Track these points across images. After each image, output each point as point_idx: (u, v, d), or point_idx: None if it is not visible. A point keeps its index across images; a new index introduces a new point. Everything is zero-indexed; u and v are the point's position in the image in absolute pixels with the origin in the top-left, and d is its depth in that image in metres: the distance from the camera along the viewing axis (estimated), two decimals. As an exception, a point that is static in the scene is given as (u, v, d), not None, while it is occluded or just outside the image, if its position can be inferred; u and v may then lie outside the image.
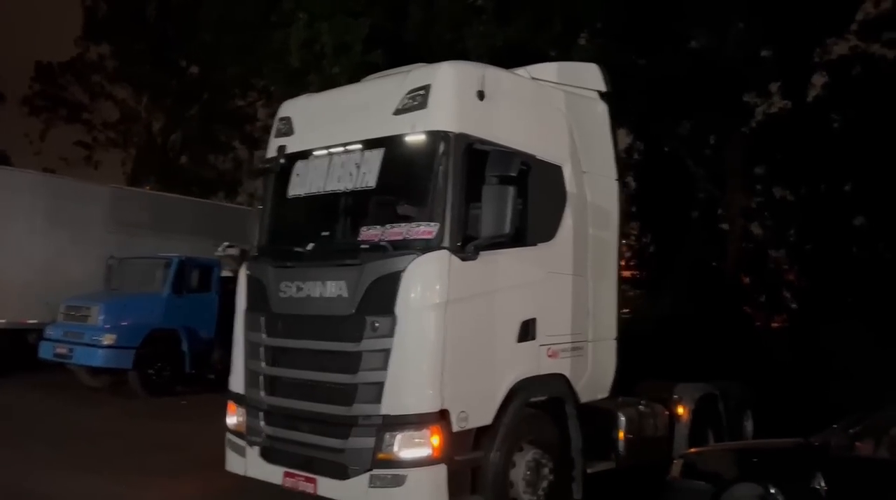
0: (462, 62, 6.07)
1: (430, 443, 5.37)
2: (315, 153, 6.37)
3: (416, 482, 5.35)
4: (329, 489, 5.71)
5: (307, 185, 6.35)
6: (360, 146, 6.05)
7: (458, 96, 5.82)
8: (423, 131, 5.73)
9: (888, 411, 5.33)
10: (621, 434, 7.10)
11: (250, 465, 6.33)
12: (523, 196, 5.87)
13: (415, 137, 5.78)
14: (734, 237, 20.36)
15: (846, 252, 21.53)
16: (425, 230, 5.59)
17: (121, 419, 10.90)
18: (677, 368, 8.52)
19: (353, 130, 6.17)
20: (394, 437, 5.40)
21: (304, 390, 6.01)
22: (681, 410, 8.08)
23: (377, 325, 5.52)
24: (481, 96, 5.87)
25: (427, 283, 5.50)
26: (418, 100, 5.78)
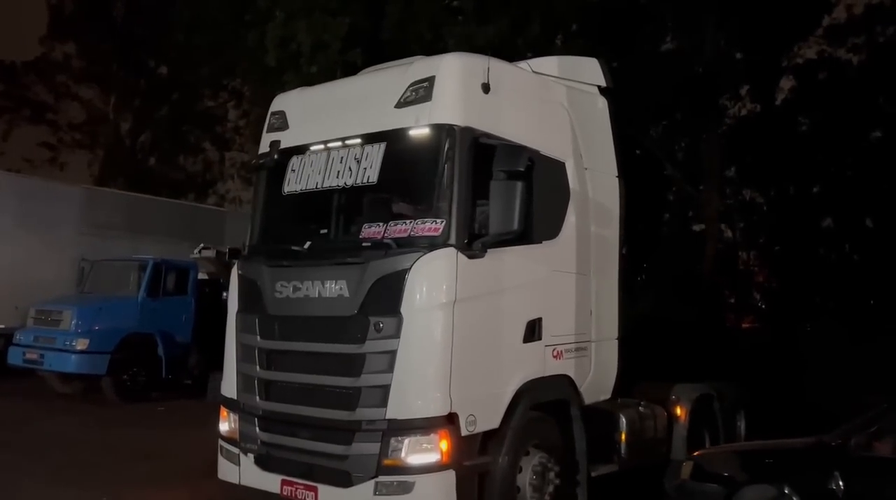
0: (466, 54, 5.89)
1: (439, 448, 5.16)
2: (312, 148, 6.12)
3: (425, 489, 5.14)
4: (331, 497, 5.47)
5: (304, 181, 6.09)
6: (359, 140, 5.82)
7: (463, 88, 5.63)
8: (428, 125, 5.52)
9: None
10: (623, 436, 6.97)
11: (245, 473, 6.05)
12: (528, 192, 5.69)
13: (419, 130, 5.56)
14: (711, 238, 20.46)
15: (815, 253, 21.79)
16: (431, 227, 5.38)
17: (97, 427, 10.50)
18: (664, 368, 8.41)
19: (352, 123, 5.94)
20: (400, 442, 5.18)
21: (303, 395, 5.76)
22: (679, 411, 7.98)
23: (381, 326, 5.30)
24: (486, 89, 5.68)
25: (434, 281, 5.29)
26: (422, 92, 5.58)
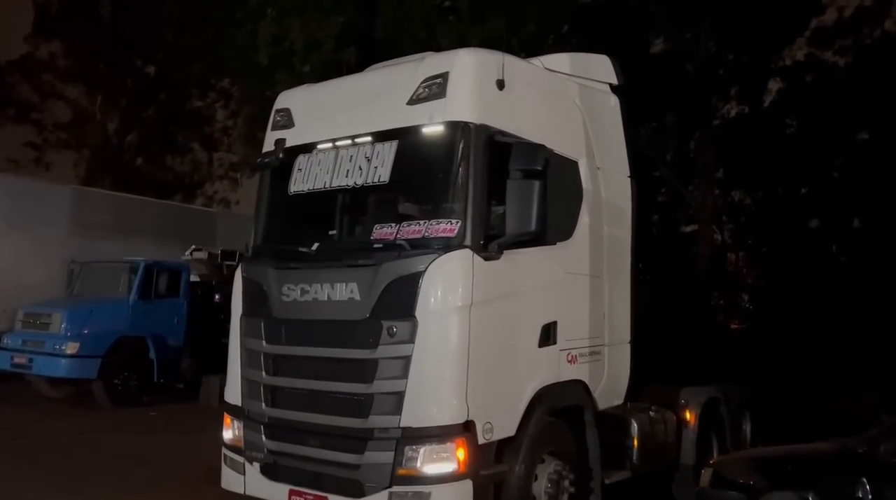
0: (480, 49, 5.70)
1: (456, 457, 4.98)
2: (319, 146, 5.92)
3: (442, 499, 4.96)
4: (342, 507, 5.29)
5: (311, 180, 5.89)
6: (370, 138, 5.63)
7: (477, 85, 5.46)
8: (442, 122, 5.34)
9: None
10: (636, 442, 6.83)
11: (250, 483, 5.85)
12: (545, 192, 5.51)
13: (432, 128, 5.38)
14: (705, 240, 20.42)
15: (803, 254, 21.84)
16: (446, 228, 5.20)
17: (90, 433, 10.25)
18: (670, 370, 8.29)
19: (362, 121, 5.74)
20: (416, 451, 5.00)
21: (312, 401, 5.56)
22: (688, 415, 7.87)
23: (395, 330, 5.12)
24: (501, 86, 5.51)
25: (450, 284, 5.11)
26: (435, 88, 5.39)
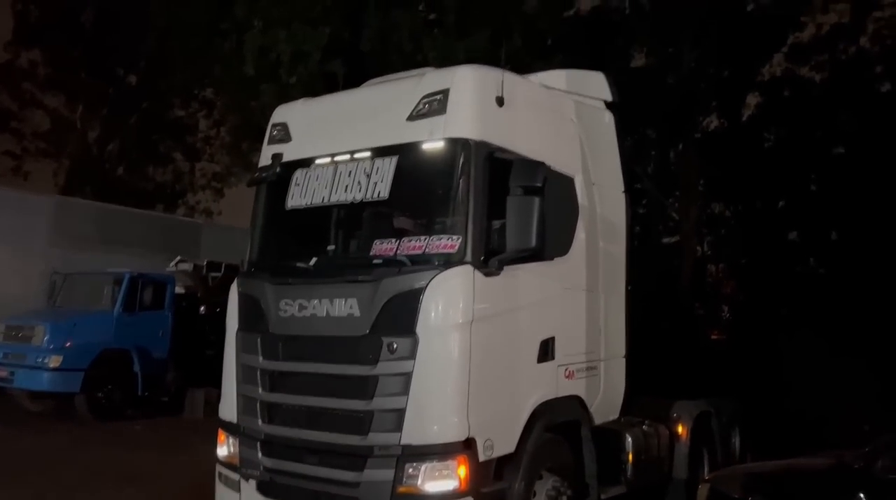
0: (480, 66, 5.73)
1: (457, 475, 4.97)
2: (318, 161, 5.90)
3: (443, 518, 4.94)
4: (341, 525, 5.24)
5: (309, 195, 5.86)
6: (369, 154, 5.62)
7: (477, 102, 5.48)
8: (443, 138, 5.36)
9: None
10: (630, 457, 6.84)
11: (246, 501, 5.78)
12: (544, 208, 5.54)
13: (432, 144, 5.39)
14: (689, 252, 20.60)
15: (781, 266, 22.12)
16: (447, 244, 5.20)
17: (75, 448, 10.08)
18: (661, 383, 8.32)
19: (361, 136, 5.74)
20: (417, 469, 4.97)
21: (310, 418, 5.51)
22: (680, 429, 7.88)
23: (395, 346, 5.10)
24: (500, 102, 5.53)
25: (451, 300, 5.11)
26: (436, 105, 5.40)
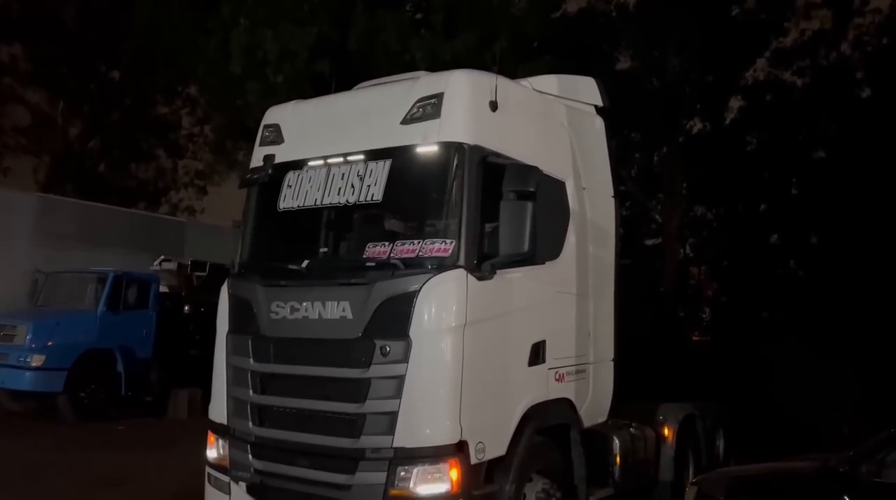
0: (474, 71, 5.75)
1: (449, 478, 4.98)
2: (310, 163, 5.89)
3: (435, 520, 4.96)
4: (332, 528, 5.25)
5: (301, 197, 5.85)
6: (363, 157, 5.62)
7: (471, 106, 5.50)
8: (437, 142, 5.38)
9: None
10: (617, 459, 6.90)
11: (236, 503, 5.77)
12: (537, 213, 5.57)
13: (426, 148, 5.41)
14: (672, 254, 20.78)
15: (762, 269, 22.36)
16: (440, 247, 5.22)
17: (57, 449, 9.99)
18: (646, 386, 8.39)
19: (355, 139, 5.75)
20: (409, 472, 4.99)
21: (301, 421, 5.51)
22: (666, 431, 7.96)
23: (388, 349, 5.11)
24: (494, 107, 5.56)
25: (444, 304, 5.13)
26: (430, 109, 5.43)
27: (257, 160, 6.29)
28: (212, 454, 6.03)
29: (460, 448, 5.03)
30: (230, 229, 16.77)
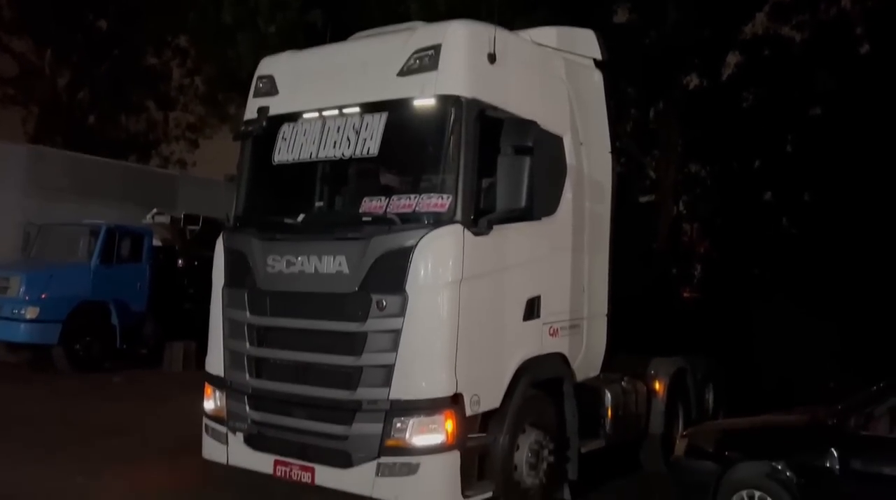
0: (472, 21, 5.65)
1: (444, 429, 5.07)
2: (305, 116, 5.84)
3: (430, 470, 5.05)
4: (329, 478, 5.34)
5: (296, 151, 5.80)
6: (358, 110, 5.57)
7: (470, 58, 5.43)
8: (434, 95, 5.32)
9: None
10: (609, 412, 7.01)
11: (234, 453, 5.85)
12: (534, 168, 5.54)
13: (423, 101, 5.36)
14: (666, 212, 20.76)
15: (755, 226, 22.44)
16: (437, 202, 5.22)
17: (55, 400, 10.06)
18: (638, 340, 8.47)
19: (351, 91, 5.68)
20: (405, 423, 5.07)
21: (297, 373, 5.58)
22: (657, 385, 8.05)
23: (385, 304, 5.14)
24: (492, 59, 5.49)
25: (441, 259, 5.14)
26: (427, 60, 5.36)
27: (251, 112, 6.23)
28: (209, 405, 6.09)
29: (455, 401, 5.11)
30: (223, 183, 16.71)
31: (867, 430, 5.10)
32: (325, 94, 5.81)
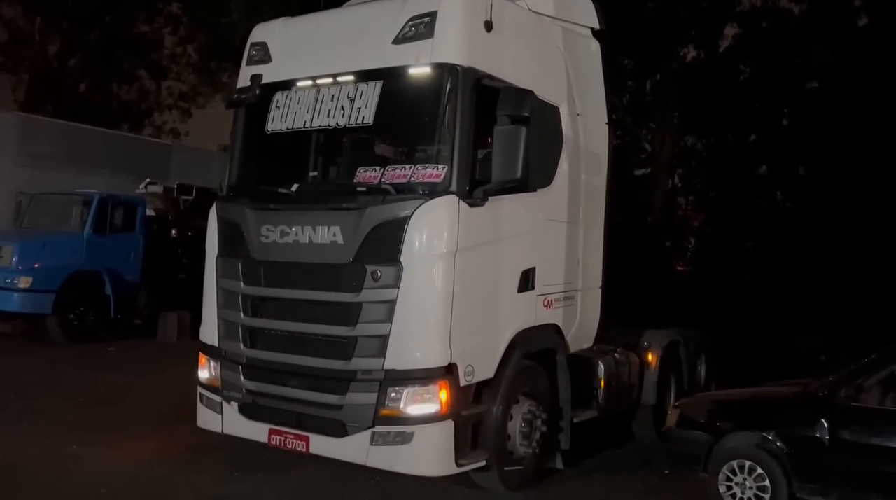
0: (468, -12, 5.57)
1: (439, 399, 5.10)
2: (299, 84, 5.77)
3: (425, 439, 5.08)
4: (323, 446, 5.38)
5: (290, 119, 5.75)
6: (353, 78, 5.51)
7: (466, 26, 5.36)
8: (429, 63, 5.26)
9: None
10: (602, 383, 7.04)
11: (228, 422, 5.88)
12: (531, 138, 5.50)
13: (419, 69, 5.30)
14: (661, 184, 20.75)
15: (749, 200, 22.44)
16: (432, 173, 5.18)
17: (49, 370, 10.06)
18: (632, 313, 8.50)
19: (345, 58, 5.61)
20: (399, 392, 5.10)
21: (292, 343, 5.59)
22: (650, 357, 8.09)
23: (379, 274, 5.13)
24: (489, 27, 5.43)
25: (436, 230, 5.13)
26: (423, 28, 5.29)
27: (244, 80, 6.15)
28: (204, 374, 6.10)
29: (450, 371, 5.13)
30: (217, 153, 16.58)
31: (857, 401, 5.15)
32: (319, 61, 5.74)
